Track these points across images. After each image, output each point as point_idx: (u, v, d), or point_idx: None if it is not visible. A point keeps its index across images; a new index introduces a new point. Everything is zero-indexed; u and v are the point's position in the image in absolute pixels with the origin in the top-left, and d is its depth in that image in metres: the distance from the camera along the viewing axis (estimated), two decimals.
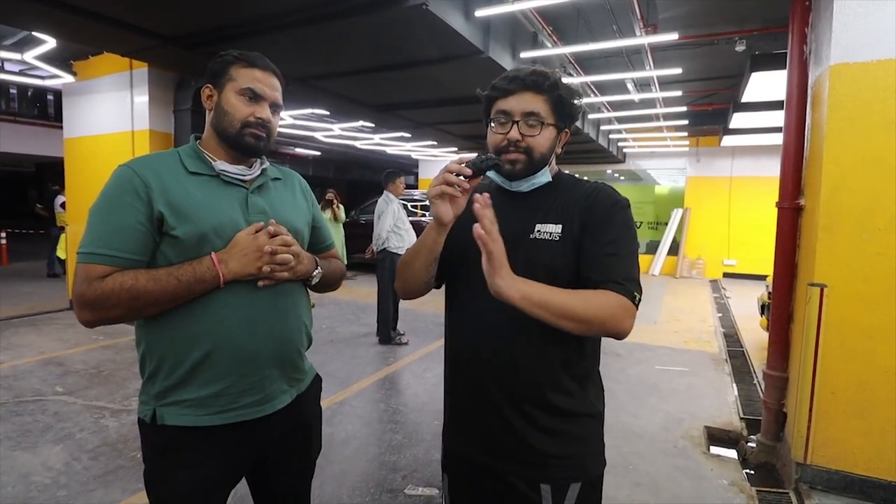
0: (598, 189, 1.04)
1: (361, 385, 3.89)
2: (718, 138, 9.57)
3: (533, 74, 1.01)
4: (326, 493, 2.37)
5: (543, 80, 1.00)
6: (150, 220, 1.03)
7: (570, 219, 1.01)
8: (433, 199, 0.96)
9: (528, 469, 1.02)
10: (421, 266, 1.05)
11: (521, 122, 1.00)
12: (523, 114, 1.00)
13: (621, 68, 6.00)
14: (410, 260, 1.08)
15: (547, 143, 1.03)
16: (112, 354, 4.49)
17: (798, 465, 2.45)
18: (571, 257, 0.99)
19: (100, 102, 5.80)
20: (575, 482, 1.01)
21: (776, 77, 4.79)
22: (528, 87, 1.00)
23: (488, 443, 1.05)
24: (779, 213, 2.81)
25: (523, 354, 1.01)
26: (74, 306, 1.02)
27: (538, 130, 1.01)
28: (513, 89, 1.01)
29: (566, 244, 1.00)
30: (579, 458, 1.03)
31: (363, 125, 8.69)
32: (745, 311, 6.74)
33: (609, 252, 0.96)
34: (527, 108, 1.00)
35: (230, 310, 1.07)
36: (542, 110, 1.01)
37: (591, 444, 1.06)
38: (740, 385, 4.05)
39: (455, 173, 0.95)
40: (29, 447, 2.78)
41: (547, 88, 1.00)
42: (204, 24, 3.88)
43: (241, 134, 1.12)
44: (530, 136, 1.01)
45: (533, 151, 1.02)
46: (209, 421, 1.07)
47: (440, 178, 0.95)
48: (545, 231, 1.01)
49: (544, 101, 1.01)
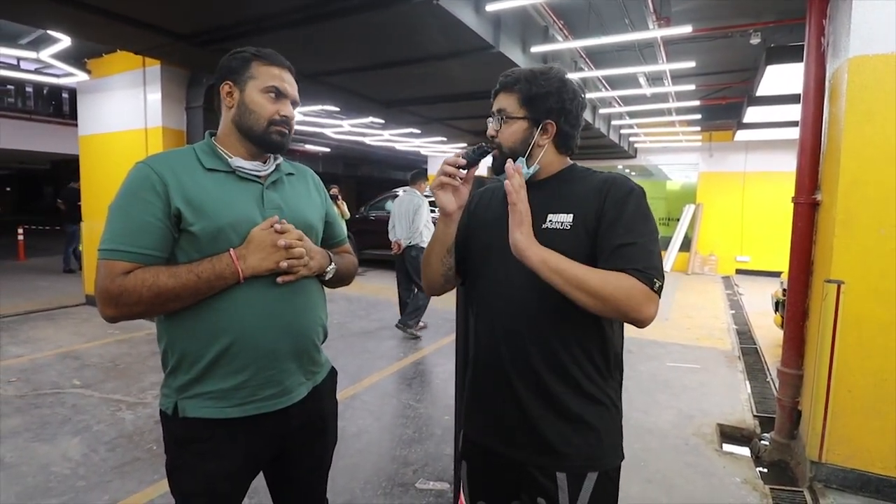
0: (611, 179, 1.06)
1: (372, 380, 3.91)
2: (732, 133, 9.44)
3: (504, 76, 1.10)
4: (338, 486, 2.39)
5: (513, 80, 1.08)
6: (168, 217, 1.05)
7: (583, 208, 1.03)
8: (435, 191, 1.06)
9: (545, 457, 1.03)
10: (436, 259, 1.13)
11: (495, 119, 1.10)
12: (497, 112, 1.10)
13: (633, 62, 5.94)
14: (427, 255, 1.16)
15: (513, 136, 1.08)
16: (128, 348, 4.56)
17: (813, 464, 2.43)
18: (584, 246, 1.00)
19: (114, 100, 5.87)
20: (592, 472, 1.03)
21: (792, 70, 4.71)
22: (501, 88, 1.10)
23: (506, 431, 1.07)
24: (795, 209, 2.77)
25: (546, 341, 1.03)
26: (98, 302, 1.04)
27: (504, 125, 1.09)
28: (495, 92, 1.12)
29: (578, 233, 1.01)
30: (597, 449, 1.04)
31: (372, 121, 8.69)
32: (758, 308, 6.68)
33: (626, 241, 0.97)
34: (498, 105, 1.10)
35: (250, 305, 1.09)
36: (508, 106, 1.08)
37: (609, 436, 1.06)
38: (753, 382, 4.01)
39: (451, 164, 1.04)
40: (48, 439, 2.84)
41: (516, 88, 1.07)
42: (216, 21, 3.90)
43: (268, 132, 1.15)
44: (498, 130, 1.09)
45: (502, 145, 1.09)
46: (230, 413, 1.09)
47: (439, 171, 1.04)
48: (556, 221, 1.04)
49: (513, 98, 1.08)
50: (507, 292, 1.06)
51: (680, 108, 7.81)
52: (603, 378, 1.06)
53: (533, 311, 1.03)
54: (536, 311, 1.03)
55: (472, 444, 1.16)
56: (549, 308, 1.01)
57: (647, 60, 5.88)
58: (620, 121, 9.07)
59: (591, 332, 1.04)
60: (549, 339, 1.03)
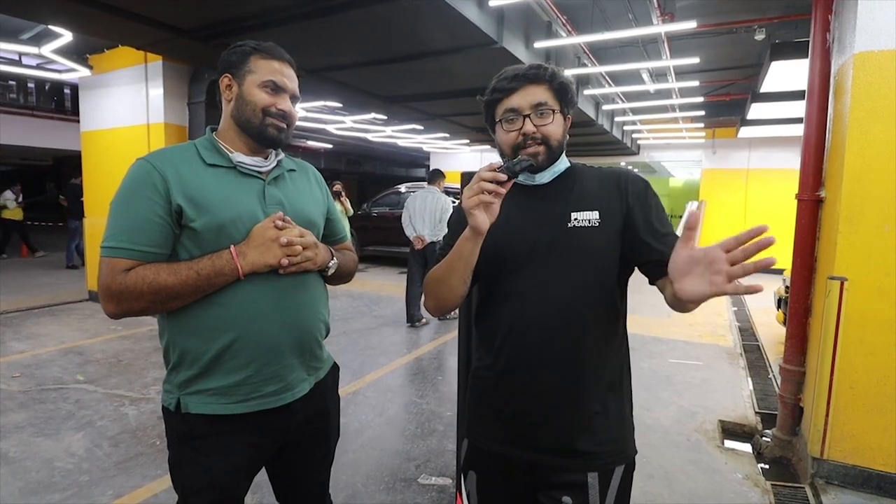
0: (620, 172, 1.08)
1: (375, 375, 3.92)
2: (735, 130, 9.40)
3: (532, 68, 1.04)
4: (341, 482, 2.40)
5: (543, 71, 1.03)
6: (169, 214, 1.05)
7: (606, 205, 1.04)
8: (472, 210, 0.91)
9: (578, 459, 1.02)
10: (458, 280, 1.02)
11: (532, 114, 1.02)
12: (532, 106, 1.02)
13: (637, 58, 5.92)
14: (444, 276, 1.04)
15: (560, 129, 1.05)
16: (130, 344, 4.57)
17: (814, 460, 2.43)
18: (614, 242, 1.03)
19: (116, 96, 5.87)
20: (619, 465, 1.04)
21: (797, 66, 4.69)
22: (531, 80, 1.03)
23: (533, 438, 1.04)
24: (798, 206, 2.76)
25: (579, 341, 1.02)
26: (100, 298, 1.05)
27: (550, 119, 1.03)
28: (516, 86, 1.03)
29: (608, 229, 1.02)
30: (622, 442, 1.06)
31: (375, 117, 8.68)
32: (760, 305, 6.66)
33: (666, 231, 1.03)
34: (534, 99, 1.02)
35: (252, 301, 1.09)
36: (547, 99, 1.03)
37: (629, 427, 1.09)
38: (755, 379, 4.01)
39: (490, 180, 0.90)
40: (51, 434, 2.85)
41: (548, 78, 1.03)
42: (217, 15, 3.89)
43: (265, 125, 1.14)
44: (544, 125, 1.03)
45: (550, 140, 1.03)
46: (232, 409, 1.09)
47: (476, 188, 0.90)
48: (583, 219, 1.03)
49: (548, 90, 1.03)
50: (543, 291, 1.02)
51: (683, 104, 7.79)
52: (627, 372, 1.09)
53: (571, 309, 1.01)
54: (575, 307, 1.01)
55: (482, 453, 1.11)
56: (587, 303, 1.01)
57: (651, 56, 5.86)
58: (623, 117, 9.05)
59: (617, 328, 1.06)
60: (582, 339, 1.02)
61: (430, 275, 1.08)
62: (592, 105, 7.44)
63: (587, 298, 1.01)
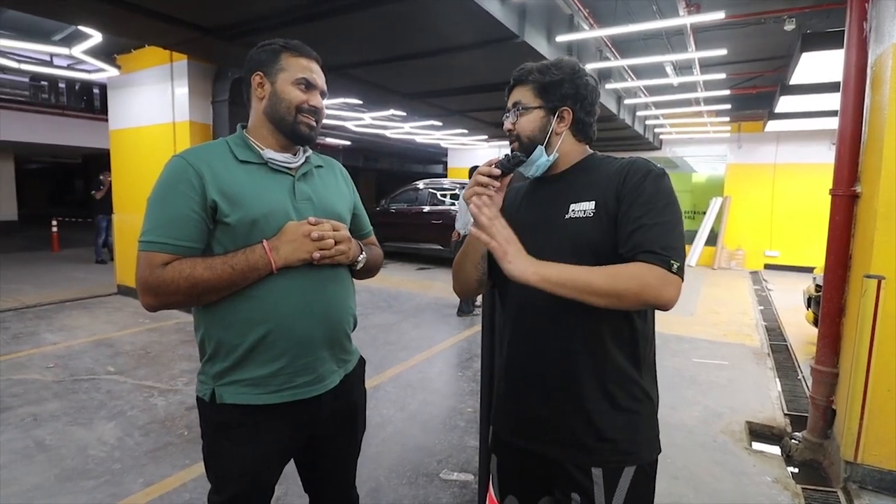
0: (631, 162, 1.05)
1: (395, 370, 3.94)
2: (763, 123, 9.15)
3: (518, 71, 1.11)
4: (363, 475, 2.41)
5: (525, 72, 1.09)
6: (204, 209, 1.07)
7: (603, 193, 1.02)
8: (469, 201, 1.02)
9: (580, 453, 1.02)
10: (471, 266, 1.13)
11: (511, 113, 1.11)
12: (512, 105, 1.11)
13: (660, 51, 5.80)
14: (461, 262, 1.15)
15: (530, 125, 1.08)
16: (158, 336, 4.68)
17: (847, 464, 2.36)
18: (608, 232, 1.00)
19: (142, 95, 5.99)
20: (629, 466, 1.02)
21: (829, 57, 4.53)
22: (515, 83, 1.12)
23: (539, 429, 1.06)
24: (832, 201, 2.67)
25: (581, 337, 1.02)
26: (138, 292, 1.07)
27: (519, 118, 1.09)
28: (509, 88, 1.13)
29: (601, 219, 1.00)
30: (632, 443, 1.03)
31: (394, 114, 8.70)
32: (788, 304, 6.50)
33: (642, 223, 0.95)
34: (514, 100, 1.11)
35: (285, 295, 1.11)
36: (523, 98, 1.09)
37: (644, 429, 1.05)
38: (784, 380, 3.92)
39: (485, 175, 1.03)
40: (85, 423, 2.94)
41: (529, 80, 1.08)
42: (241, 14, 3.93)
43: (297, 122, 1.16)
44: (515, 122, 1.10)
45: (520, 136, 1.09)
46: (266, 400, 1.11)
47: (472, 182, 1.03)
48: (579, 210, 1.04)
49: (528, 90, 1.09)
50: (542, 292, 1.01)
51: (708, 97, 7.62)
52: (637, 370, 1.05)
53: (569, 309, 0.99)
54: (572, 308, 0.99)
55: (502, 441, 1.15)
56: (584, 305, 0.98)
57: (676, 49, 5.74)
58: (646, 111, 8.89)
59: (622, 326, 1.03)
60: (583, 336, 1.02)
61: (454, 261, 1.19)
62: (614, 99, 7.32)
63: None
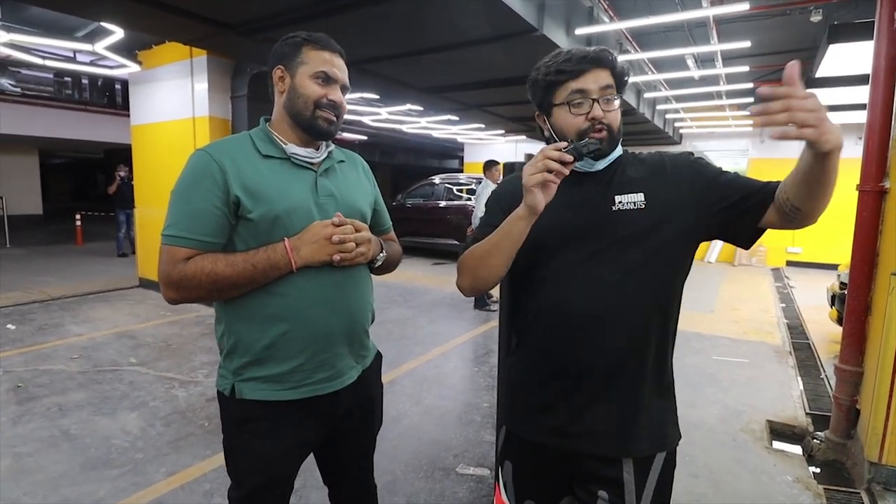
0: (666, 154, 1.07)
1: (411, 365, 3.96)
2: None
3: (599, 51, 1.02)
4: (380, 468, 2.40)
5: (608, 54, 1.02)
6: (227, 204, 1.07)
7: (652, 185, 1.02)
8: (533, 188, 0.90)
9: (617, 442, 1.01)
10: (502, 259, 1.00)
11: (600, 98, 1.00)
12: (601, 89, 1.00)
13: (682, 43, 5.69)
14: (487, 254, 1.01)
15: (618, 115, 1.04)
16: (179, 329, 4.77)
17: (871, 465, 2.32)
18: (661, 221, 1.00)
19: (163, 90, 6.07)
20: (660, 452, 1.02)
21: (857, 49, 4.40)
22: (599, 63, 1.00)
23: (569, 424, 1.03)
24: (860, 197, 2.60)
25: (626, 327, 1.00)
26: (161, 285, 1.08)
27: (614, 105, 1.02)
28: (585, 68, 0.99)
29: (653, 209, 1.00)
30: (664, 429, 1.04)
31: (410, 109, 8.69)
32: (810, 302, 6.37)
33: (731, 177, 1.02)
34: (603, 82, 1.00)
35: (305, 292, 1.11)
36: (611, 83, 1.01)
37: (672, 415, 1.07)
38: (806, 379, 3.84)
39: (556, 160, 0.89)
40: (108, 413, 3.01)
41: (612, 62, 1.02)
42: (261, 10, 3.96)
43: (315, 117, 1.15)
44: (609, 111, 1.01)
45: (612, 126, 1.01)
46: (285, 395, 1.12)
47: (541, 166, 0.89)
48: (628, 201, 1.01)
49: (608, 74, 1.01)
50: (588, 276, 1.00)
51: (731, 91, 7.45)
52: (670, 357, 1.06)
53: (617, 292, 0.99)
54: (621, 291, 0.99)
55: (519, 441, 1.12)
56: (634, 287, 0.99)
57: (698, 41, 5.62)
58: (666, 105, 8.74)
59: (666, 308, 1.03)
60: (630, 321, 1.00)
61: (469, 253, 1.06)
62: (634, 93, 7.21)
63: (640, 282, 0.99)
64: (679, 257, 1.03)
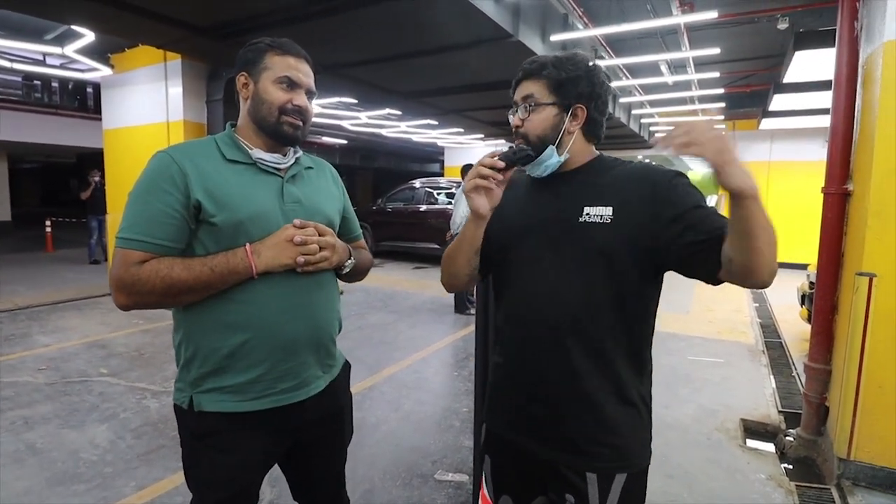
0: (649, 169, 1.02)
1: (390, 371, 3.93)
2: (757, 121, 9.18)
3: (531, 62, 1.05)
4: (358, 476, 2.41)
5: (540, 66, 1.03)
6: (186, 208, 1.04)
7: (623, 200, 0.98)
8: (469, 193, 0.98)
9: (575, 456, 1.01)
10: (463, 260, 1.08)
11: (521, 108, 1.05)
12: (522, 99, 1.05)
13: (655, 49, 5.81)
14: (453, 255, 1.10)
15: (543, 123, 1.03)
16: (151, 338, 4.66)
17: (841, 461, 2.37)
18: (626, 240, 0.97)
19: (136, 94, 5.96)
20: (621, 472, 1.00)
21: (822, 56, 4.55)
22: (526, 75, 1.05)
23: (534, 428, 1.05)
24: (825, 199, 2.68)
25: (585, 337, 0.99)
26: (112, 290, 1.04)
27: (530, 113, 1.04)
28: (517, 81, 1.07)
29: (620, 226, 0.97)
30: (626, 450, 1.01)
31: (390, 113, 8.69)
32: (782, 302, 6.52)
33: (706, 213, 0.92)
34: (524, 93, 1.05)
35: (268, 299, 1.08)
36: (536, 92, 1.03)
37: (639, 436, 1.04)
38: (778, 377, 3.93)
39: (488, 167, 0.98)
40: (77, 425, 2.92)
41: (544, 74, 1.03)
42: (232, 14, 3.92)
43: (280, 122, 1.13)
44: (525, 118, 1.05)
45: (528, 135, 1.04)
46: (246, 407, 1.09)
47: (474, 173, 0.98)
48: (595, 214, 0.99)
49: (541, 85, 1.03)
50: (547, 286, 1.02)
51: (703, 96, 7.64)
52: (638, 376, 1.03)
53: (575, 305, 0.99)
54: (580, 304, 0.99)
55: (497, 438, 1.13)
56: (593, 301, 0.98)
57: (670, 48, 5.74)
58: (641, 110, 8.91)
59: (631, 327, 1.01)
60: (588, 335, 0.99)
61: (445, 253, 1.15)
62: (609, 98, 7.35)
63: (595, 296, 0.98)
64: (642, 279, 1.00)
